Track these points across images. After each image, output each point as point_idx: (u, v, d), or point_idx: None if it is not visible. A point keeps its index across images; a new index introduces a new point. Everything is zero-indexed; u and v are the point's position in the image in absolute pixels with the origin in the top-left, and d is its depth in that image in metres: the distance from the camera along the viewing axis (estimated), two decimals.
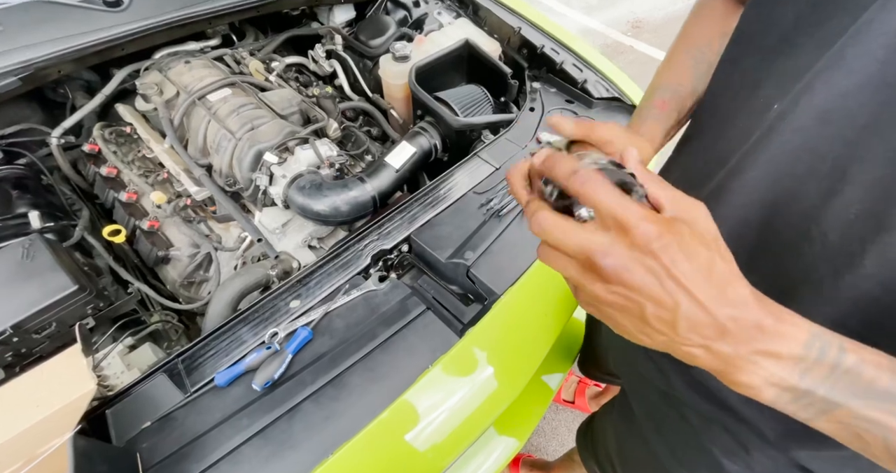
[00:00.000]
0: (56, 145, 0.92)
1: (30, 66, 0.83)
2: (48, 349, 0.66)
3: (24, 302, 0.62)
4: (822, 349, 0.22)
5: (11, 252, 0.65)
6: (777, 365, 0.22)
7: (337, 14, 1.20)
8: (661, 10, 3.07)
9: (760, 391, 0.23)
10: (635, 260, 0.22)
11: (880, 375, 0.21)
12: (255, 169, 0.82)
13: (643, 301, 0.22)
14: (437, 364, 0.62)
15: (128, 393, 0.58)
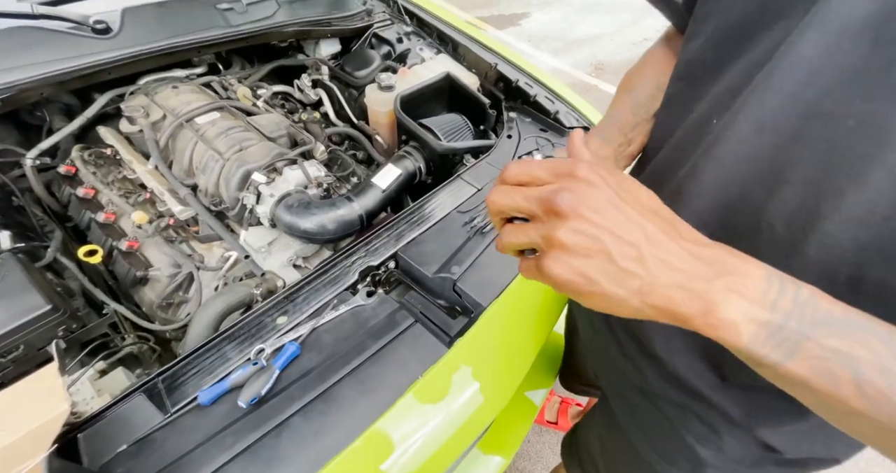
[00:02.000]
0: (30, 166, 0.90)
1: (13, 87, 0.83)
2: (11, 375, 0.62)
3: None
4: (781, 283, 0.23)
5: None
6: (748, 301, 0.22)
7: (323, 47, 1.27)
8: (619, 55, 3.39)
9: (740, 327, 0.22)
10: (589, 189, 0.24)
11: (833, 306, 0.22)
12: (243, 188, 0.83)
13: (606, 235, 0.23)
14: (427, 374, 0.63)
15: (102, 416, 0.55)
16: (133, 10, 0.97)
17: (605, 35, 3.60)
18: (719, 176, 0.34)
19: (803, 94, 0.28)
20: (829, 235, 0.28)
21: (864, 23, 0.25)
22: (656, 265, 0.23)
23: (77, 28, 0.92)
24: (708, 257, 0.23)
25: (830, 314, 0.22)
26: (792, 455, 0.41)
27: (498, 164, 0.97)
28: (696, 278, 0.23)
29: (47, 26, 0.89)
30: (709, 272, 0.23)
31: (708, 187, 0.34)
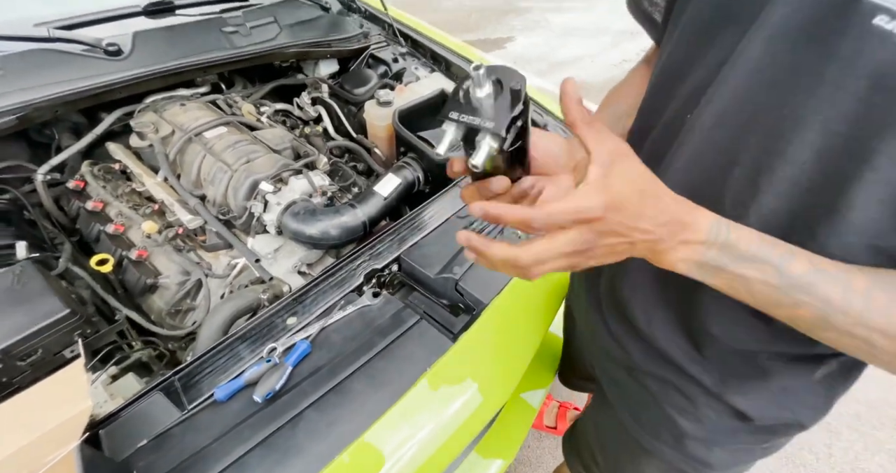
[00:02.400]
0: (41, 182, 0.93)
1: (28, 106, 0.87)
2: (28, 378, 0.64)
3: (13, 326, 0.61)
4: (718, 232, 0.32)
5: (2, 279, 0.65)
6: (690, 248, 0.32)
7: (322, 67, 1.33)
8: (601, 75, 3.56)
9: (676, 265, 0.33)
10: (597, 233, 0.31)
11: (749, 245, 0.32)
12: (251, 197, 0.87)
13: (601, 235, 0.31)
14: (435, 366, 0.66)
15: (122, 414, 0.57)
16: (143, 34, 1.02)
17: (586, 57, 3.78)
18: (689, 163, 0.39)
19: (752, 90, 0.34)
20: (765, 206, 0.35)
21: (799, 26, 0.31)
22: (637, 233, 0.32)
23: (90, 50, 0.97)
24: (672, 221, 0.32)
25: (745, 251, 0.32)
26: (761, 421, 0.45)
27: None
28: (665, 236, 0.32)
29: (62, 49, 0.94)
30: (669, 234, 0.32)
31: (679, 174, 0.40)
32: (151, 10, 1.06)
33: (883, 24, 0.27)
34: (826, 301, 0.31)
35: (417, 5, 4.14)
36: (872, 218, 0.31)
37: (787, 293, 0.31)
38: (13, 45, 0.90)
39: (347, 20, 1.35)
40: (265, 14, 1.20)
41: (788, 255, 0.32)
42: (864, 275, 0.31)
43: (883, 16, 0.27)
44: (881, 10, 0.27)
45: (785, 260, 0.31)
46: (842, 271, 0.31)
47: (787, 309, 0.32)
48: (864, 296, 0.30)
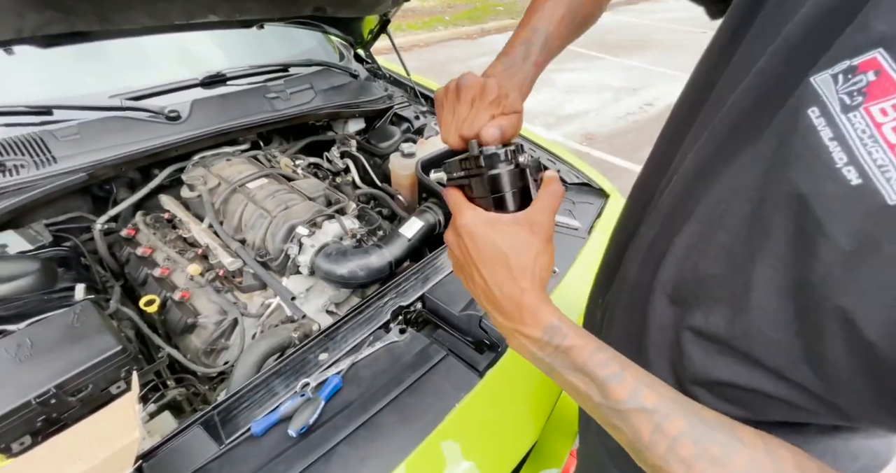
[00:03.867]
0: (98, 231, 1.03)
1: (97, 165, 0.99)
2: (75, 415, 0.67)
3: (69, 362, 0.65)
4: (553, 335, 0.34)
5: (64, 317, 0.71)
6: (527, 341, 0.35)
7: (350, 125, 1.48)
8: (606, 127, 3.76)
9: (519, 351, 0.37)
10: (455, 237, 0.37)
11: (581, 355, 0.33)
12: (287, 240, 0.94)
13: (462, 265, 0.38)
14: (463, 402, 0.67)
15: (163, 447, 0.59)
16: (200, 101, 1.17)
17: (591, 111, 4.03)
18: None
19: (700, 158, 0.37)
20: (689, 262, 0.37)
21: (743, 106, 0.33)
22: (485, 300, 0.37)
23: (154, 116, 1.11)
24: (517, 309, 0.35)
25: (574, 361, 0.34)
26: None
27: None
28: (502, 317, 0.36)
29: (131, 116, 1.08)
30: (511, 317, 0.36)
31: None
32: (207, 82, 1.22)
33: (813, 118, 0.26)
34: (636, 435, 0.30)
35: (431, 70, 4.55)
36: (772, 306, 0.29)
37: (605, 414, 0.32)
38: (91, 114, 1.05)
39: (374, 85, 1.52)
40: (303, 81, 1.37)
41: (616, 376, 0.32)
42: (684, 419, 0.30)
43: (814, 108, 0.26)
44: (816, 101, 0.26)
45: (611, 380, 0.32)
46: (665, 407, 0.30)
47: (609, 428, 0.33)
48: (671, 441, 0.29)
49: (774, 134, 0.29)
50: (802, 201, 0.26)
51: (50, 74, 1.14)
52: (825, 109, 0.25)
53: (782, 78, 0.29)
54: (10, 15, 0.78)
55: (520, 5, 7.23)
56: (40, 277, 0.79)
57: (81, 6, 0.84)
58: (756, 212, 0.30)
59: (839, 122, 0.25)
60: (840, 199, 0.24)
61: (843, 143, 0.24)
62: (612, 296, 0.48)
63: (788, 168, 0.27)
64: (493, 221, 0.36)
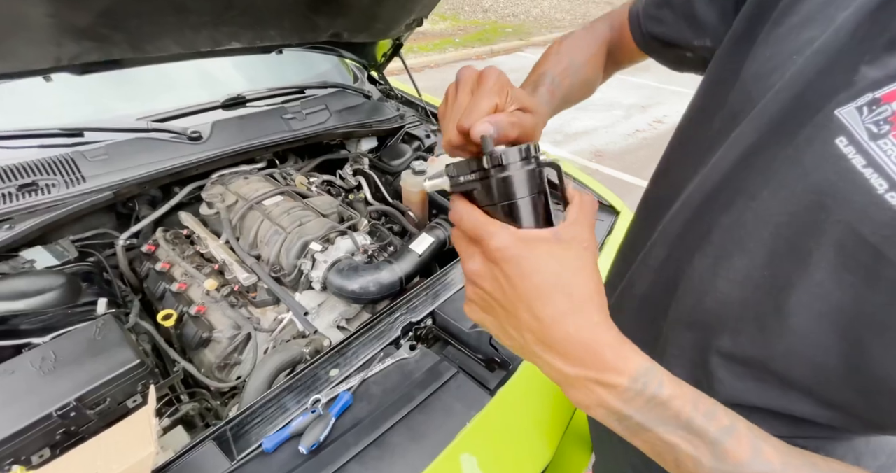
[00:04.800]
0: (121, 246, 1.06)
1: (123, 184, 1.03)
2: (92, 429, 0.68)
3: (89, 375, 0.67)
4: (646, 383, 0.26)
5: (86, 331, 0.73)
6: (608, 393, 0.26)
7: (363, 144, 1.52)
8: (615, 144, 3.78)
9: (590, 409, 0.27)
10: (484, 268, 0.27)
11: (684, 407, 0.26)
12: (301, 256, 0.96)
13: (494, 305, 0.28)
14: (474, 421, 0.66)
15: (176, 463, 0.59)
16: (221, 122, 1.22)
17: (600, 128, 4.06)
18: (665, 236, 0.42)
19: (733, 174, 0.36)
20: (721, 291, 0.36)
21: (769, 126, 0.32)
22: (533, 342, 0.27)
23: (177, 137, 1.16)
24: (589, 350, 0.26)
25: (677, 414, 0.26)
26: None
27: None
28: (567, 364, 0.27)
29: (156, 137, 1.14)
30: (582, 362, 0.26)
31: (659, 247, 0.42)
32: (228, 104, 1.28)
33: (841, 147, 0.27)
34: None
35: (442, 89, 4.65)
36: (812, 330, 0.29)
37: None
38: (118, 135, 1.10)
39: (386, 105, 1.56)
40: (318, 103, 1.42)
41: (728, 432, 0.26)
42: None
43: (842, 137, 0.27)
44: (843, 131, 0.27)
45: (724, 437, 0.26)
46: (788, 465, 0.26)
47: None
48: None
49: (797, 163, 0.29)
50: (849, 229, 0.26)
51: (82, 98, 1.21)
52: (852, 138, 0.26)
53: (797, 111, 0.30)
54: (50, 45, 0.84)
55: (528, 27, 7.42)
56: (65, 292, 0.82)
57: (116, 36, 0.89)
58: (785, 239, 0.30)
59: (870, 150, 0.26)
60: (891, 224, 0.25)
61: (880, 170, 0.25)
62: (618, 313, 0.48)
63: (823, 196, 0.27)
64: (536, 240, 0.27)
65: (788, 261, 0.30)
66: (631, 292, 0.47)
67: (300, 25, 1.16)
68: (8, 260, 0.89)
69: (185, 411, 0.81)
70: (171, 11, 0.89)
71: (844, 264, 0.27)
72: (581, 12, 8.66)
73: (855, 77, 0.27)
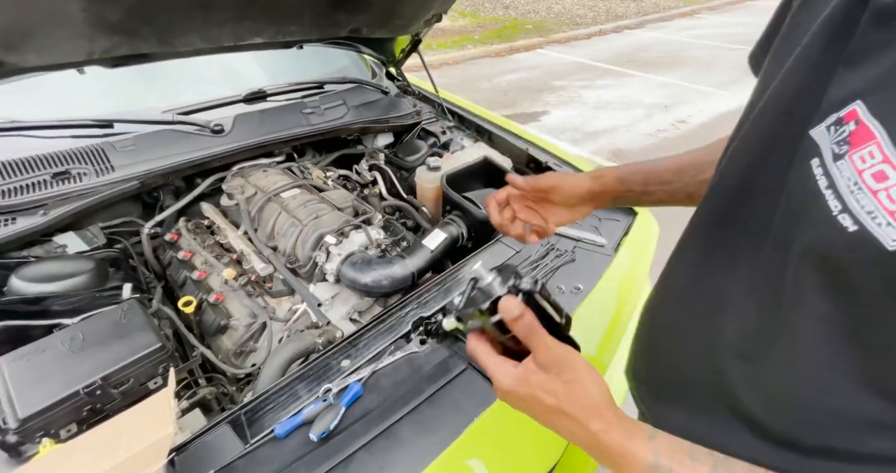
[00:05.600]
0: (146, 234, 1.10)
1: (149, 174, 1.07)
2: (116, 407, 0.71)
3: (114, 356, 0.70)
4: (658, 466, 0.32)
5: (112, 313, 0.76)
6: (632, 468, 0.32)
7: (379, 139, 1.53)
8: (636, 143, 3.70)
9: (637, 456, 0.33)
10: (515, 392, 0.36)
11: (692, 449, 0.32)
12: (316, 248, 0.98)
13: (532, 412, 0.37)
14: (482, 416, 0.66)
15: (193, 443, 0.62)
16: (242, 116, 1.25)
17: (620, 127, 3.98)
18: None
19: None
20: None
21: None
22: (569, 436, 0.36)
23: (200, 130, 1.19)
24: (606, 444, 0.33)
25: (690, 451, 0.32)
26: None
27: None
28: (596, 451, 0.34)
29: (180, 129, 1.17)
30: (608, 449, 0.33)
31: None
32: (249, 98, 1.31)
33: (814, 167, 0.27)
34: None
35: (460, 87, 4.65)
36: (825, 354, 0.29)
37: None
38: (146, 127, 1.14)
39: (403, 101, 1.57)
40: (336, 98, 1.44)
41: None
42: None
43: (815, 158, 0.27)
44: (816, 152, 0.27)
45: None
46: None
47: None
48: None
49: (780, 183, 0.30)
50: (815, 251, 0.27)
51: (111, 92, 1.26)
52: (822, 159, 0.27)
53: (782, 133, 0.31)
54: (84, 39, 0.87)
55: (549, 24, 7.32)
56: (94, 276, 0.86)
57: (144, 31, 0.93)
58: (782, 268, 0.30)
59: (832, 171, 0.26)
60: (846, 246, 0.25)
61: (836, 191, 0.25)
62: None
63: (798, 218, 0.28)
64: (527, 374, 0.36)
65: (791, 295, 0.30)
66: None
67: (321, 21, 1.18)
68: (42, 245, 0.94)
69: (202, 395, 0.84)
70: (198, 7, 0.91)
71: (836, 292, 0.27)
72: (603, 9, 8.49)
73: (824, 96, 0.27)
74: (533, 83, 4.87)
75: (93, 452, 0.56)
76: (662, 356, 0.47)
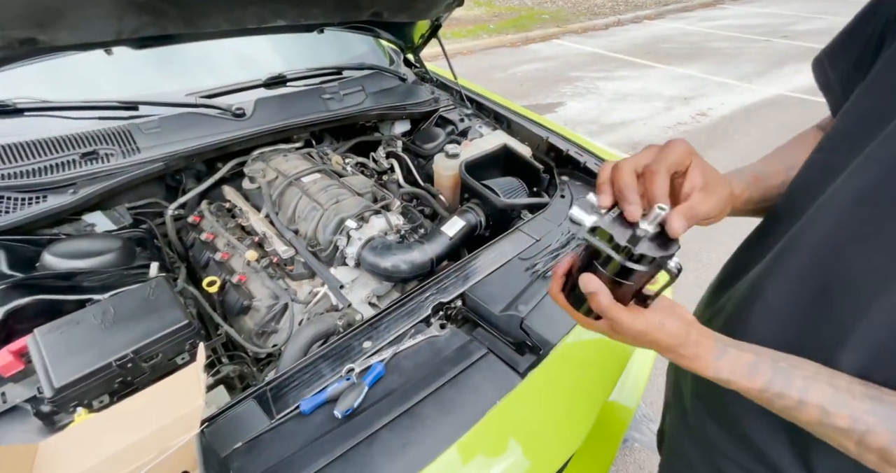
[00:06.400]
0: (170, 216, 1.12)
1: (173, 156, 1.08)
2: (146, 381, 0.73)
3: (144, 331, 0.72)
4: (725, 351, 0.40)
5: (141, 290, 0.78)
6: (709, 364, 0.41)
7: (397, 126, 1.53)
8: (654, 137, 3.62)
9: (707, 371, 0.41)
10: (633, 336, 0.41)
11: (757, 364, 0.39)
12: (337, 232, 0.98)
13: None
14: (504, 400, 0.67)
15: (220, 417, 0.63)
16: (263, 100, 1.25)
17: (638, 120, 3.90)
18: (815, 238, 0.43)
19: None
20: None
21: None
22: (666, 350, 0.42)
23: (222, 113, 1.20)
24: (688, 343, 0.41)
25: (750, 367, 0.40)
26: None
27: (554, 220, 1.08)
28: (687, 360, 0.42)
29: (203, 112, 1.18)
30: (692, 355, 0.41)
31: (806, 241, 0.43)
32: (270, 83, 1.31)
33: None
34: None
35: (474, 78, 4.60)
36: None
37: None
38: (169, 109, 1.15)
39: (421, 88, 1.56)
40: (355, 84, 1.43)
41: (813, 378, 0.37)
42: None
43: None
44: None
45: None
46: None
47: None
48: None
49: None
50: None
51: (136, 75, 1.27)
52: None
53: None
54: (113, 18, 0.88)
55: (565, 13, 7.16)
56: (122, 254, 0.88)
57: (171, 11, 0.93)
58: None
59: None
60: None
61: None
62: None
63: None
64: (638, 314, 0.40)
65: None
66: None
67: (342, 4, 1.17)
68: (72, 223, 0.96)
69: (225, 372, 0.86)
70: None
71: None
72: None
73: None
74: (549, 74, 4.79)
75: (125, 422, 0.58)
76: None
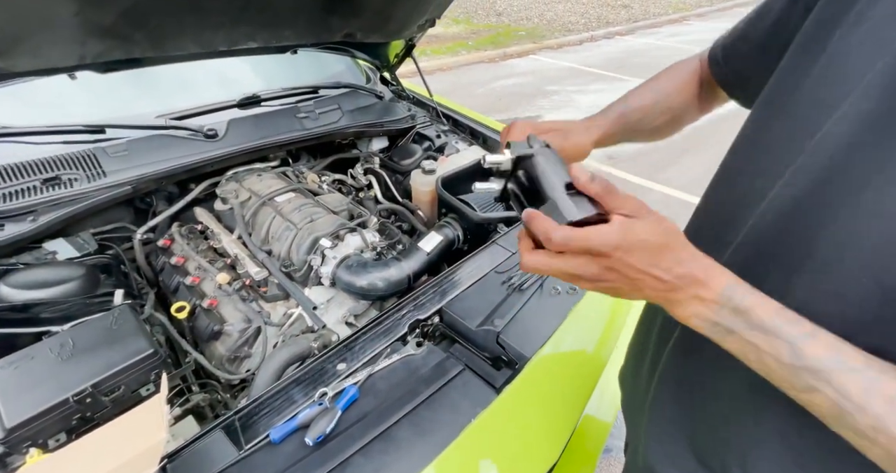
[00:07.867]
0: (138, 240, 1.09)
1: (142, 179, 1.06)
2: (107, 415, 0.69)
3: (105, 363, 0.69)
4: (731, 295, 0.33)
5: (104, 319, 0.75)
6: (703, 305, 0.34)
7: (374, 143, 1.53)
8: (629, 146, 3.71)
9: (689, 320, 0.35)
10: (602, 268, 0.34)
11: (764, 316, 0.32)
12: (311, 252, 0.97)
13: (619, 285, 0.35)
14: (479, 418, 0.66)
15: (186, 450, 0.60)
16: (236, 121, 1.25)
17: None
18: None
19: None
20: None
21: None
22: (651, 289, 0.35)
23: (194, 135, 1.19)
24: (687, 275, 0.34)
25: (758, 320, 0.32)
26: None
27: None
28: (672, 292, 0.34)
29: (174, 134, 1.16)
30: (682, 287, 0.34)
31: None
32: (243, 103, 1.30)
33: None
34: (843, 394, 0.29)
35: (454, 93, 4.67)
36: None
37: (797, 374, 0.30)
38: (139, 132, 1.14)
39: (398, 105, 1.58)
40: (331, 102, 1.44)
41: (806, 336, 0.31)
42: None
43: None
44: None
45: (801, 340, 0.30)
46: (871, 369, 0.29)
47: (800, 392, 0.31)
48: (890, 403, 0.28)
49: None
50: None
51: (103, 97, 1.25)
52: None
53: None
54: (75, 43, 0.87)
55: (541, 30, 7.41)
56: (85, 282, 0.85)
57: (137, 35, 0.92)
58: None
59: None
60: None
61: None
62: None
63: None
64: (628, 225, 0.34)
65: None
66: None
67: (314, 25, 1.18)
68: (31, 251, 0.93)
69: (195, 401, 0.83)
70: (191, 11, 0.91)
71: None
72: (595, 15, 8.61)
73: None
74: (527, 88, 4.91)
75: (81, 462, 0.55)
76: None
